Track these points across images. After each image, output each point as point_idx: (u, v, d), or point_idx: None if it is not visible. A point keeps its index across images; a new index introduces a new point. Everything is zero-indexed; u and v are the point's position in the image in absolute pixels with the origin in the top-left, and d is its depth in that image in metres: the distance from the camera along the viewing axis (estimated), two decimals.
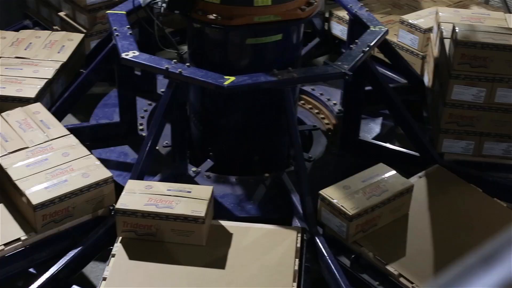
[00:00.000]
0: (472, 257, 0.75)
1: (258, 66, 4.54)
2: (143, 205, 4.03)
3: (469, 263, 0.73)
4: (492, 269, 0.70)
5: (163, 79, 4.61)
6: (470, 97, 4.84)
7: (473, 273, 0.71)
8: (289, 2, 4.51)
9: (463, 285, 0.71)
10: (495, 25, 5.24)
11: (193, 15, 4.53)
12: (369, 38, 4.90)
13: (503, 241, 0.75)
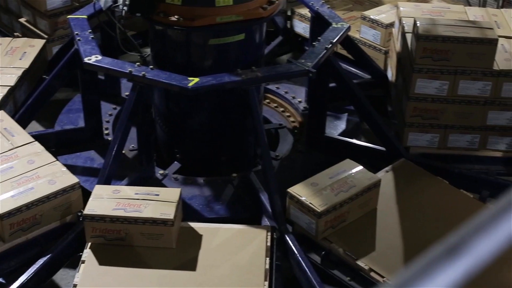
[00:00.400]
0: (436, 249, 0.76)
1: (221, 66, 4.54)
2: (111, 210, 4.01)
3: (433, 255, 0.74)
4: (456, 260, 0.71)
5: (127, 82, 4.58)
6: (434, 90, 4.88)
7: (437, 265, 0.72)
8: (250, 2, 4.52)
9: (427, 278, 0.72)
10: (455, 18, 5.29)
11: (154, 17, 4.51)
12: (331, 35, 4.93)
13: (467, 231, 0.76)
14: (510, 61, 4.91)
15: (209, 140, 5.07)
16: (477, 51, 4.77)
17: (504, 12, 5.76)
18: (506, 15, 5.64)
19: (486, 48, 4.78)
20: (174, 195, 4.13)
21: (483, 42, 4.77)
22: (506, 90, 4.87)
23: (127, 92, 5.16)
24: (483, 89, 4.87)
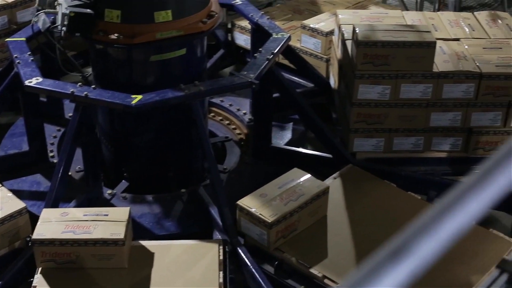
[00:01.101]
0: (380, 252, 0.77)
1: (164, 82, 4.52)
2: (61, 233, 3.96)
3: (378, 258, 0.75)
4: (400, 262, 0.72)
5: (70, 103, 4.54)
6: (376, 95, 4.93)
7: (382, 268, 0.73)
8: (190, 16, 4.52)
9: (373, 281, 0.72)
10: (393, 23, 5.37)
11: (94, 36, 4.48)
12: (272, 46, 4.95)
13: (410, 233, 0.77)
14: (449, 62, 4.99)
15: (156, 157, 5.05)
16: (416, 54, 4.84)
17: (441, 15, 5.86)
18: (443, 17, 5.74)
19: (425, 51, 4.86)
20: (124, 215, 4.10)
21: (421, 45, 4.85)
22: (447, 91, 4.95)
23: (70, 113, 5.11)
24: (425, 92, 4.94)
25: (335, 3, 6.96)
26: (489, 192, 0.86)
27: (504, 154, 0.88)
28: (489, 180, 0.85)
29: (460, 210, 0.83)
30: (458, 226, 0.82)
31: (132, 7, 4.43)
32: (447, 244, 0.80)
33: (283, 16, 6.73)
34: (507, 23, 5.69)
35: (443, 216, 0.82)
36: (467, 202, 0.85)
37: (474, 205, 0.84)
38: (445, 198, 0.87)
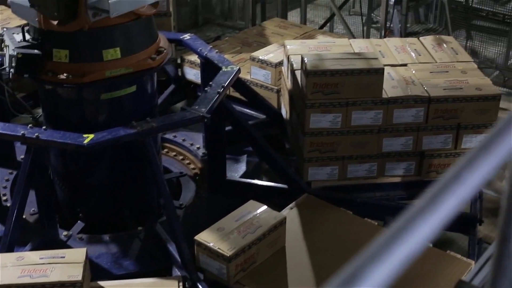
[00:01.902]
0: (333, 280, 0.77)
1: (116, 120, 4.50)
2: (17, 278, 3.89)
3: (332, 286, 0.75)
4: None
5: (21, 145, 4.49)
6: (328, 124, 4.96)
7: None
8: (138, 53, 4.52)
9: None
10: (341, 51, 5.43)
11: (43, 77, 4.45)
12: (222, 79, 4.97)
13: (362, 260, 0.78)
14: (397, 88, 5.05)
15: (111, 195, 5.01)
16: (365, 81, 4.90)
17: (387, 41, 5.94)
18: (389, 44, 5.82)
19: (374, 78, 4.92)
20: (80, 256, 4.04)
21: (370, 72, 4.90)
22: (397, 116, 5.01)
23: (22, 156, 5.05)
24: (375, 118, 4.99)
25: (283, 34, 7.02)
26: (438, 214, 0.87)
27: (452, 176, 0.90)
28: (438, 202, 0.86)
29: (410, 234, 0.84)
30: (410, 250, 0.83)
31: (80, 46, 4.42)
32: (399, 269, 0.80)
33: (232, 49, 6.76)
34: (452, 46, 5.79)
35: (394, 241, 0.82)
36: (417, 226, 0.86)
37: (424, 228, 0.85)
38: (395, 223, 0.88)
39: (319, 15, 10.41)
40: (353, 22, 9.64)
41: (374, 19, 9.32)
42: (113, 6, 4.15)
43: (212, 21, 10.66)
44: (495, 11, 9.47)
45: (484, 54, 9.05)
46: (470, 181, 0.95)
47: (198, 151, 5.83)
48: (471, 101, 5.03)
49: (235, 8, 10.55)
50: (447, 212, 0.89)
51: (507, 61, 8.71)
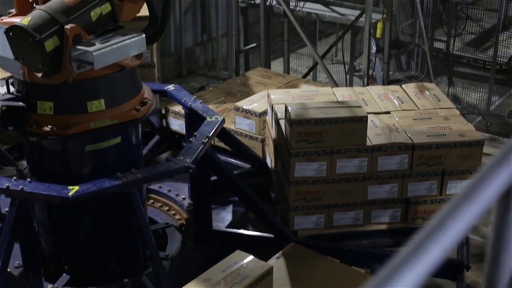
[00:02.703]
0: None
1: (101, 172, 4.49)
2: None
3: None
4: None
5: (6, 198, 4.46)
6: (313, 172, 4.97)
7: None
8: (123, 104, 4.53)
9: None
10: (325, 100, 5.46)
11: (27, 129, 4.45)
12: (207, 129, 4.98)
13: None
14: (381, 135, 5.08)
15: (96, 247, 4.97)
16: (349, 129, 4.92)
17: (370, 89, 5.99)
18: (372, 92, 5.87)
19: (357, 126, 4.94)
20: None
21: (353, 120, 4.93)
22: (382, 164, 5.03)
23: (6, 208, 5.02)
24: (360, 166, 5.01)
25: (266, 83, 7.07)
26: (424, 262, 0.88)
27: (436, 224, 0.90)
28: (423, 250, 0.87)
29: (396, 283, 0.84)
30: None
31: (64, 98, 4.42)
32: None
33: (216, 99, 6.79)
34: (434, 93, 5.84)
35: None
36: (402, 274, 0.86)
37: (410, 276, 0.85)
38: (381, 271, 0.88)
39: (302, 64, 10.50)
40: (336, 71, 9.73)
41: (356, 67, 9.42)
42: (97, 58, 4.17)
43: (196, 71, 10.73)
44: (475, 58, 9.59)
45: (466, 100, 9.14)
46: (454, 228, 0.96)
47: (183, 201, 5.81)
48: (454, 148, 5.07)
49: (218, 58, 10.63)
50: (432, 260, 0.89)
51: (489, 106, 8.79)
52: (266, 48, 8.64)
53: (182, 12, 10.34)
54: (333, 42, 9.21)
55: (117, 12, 4.46)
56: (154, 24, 4.59)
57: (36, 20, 4.18)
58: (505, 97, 9.14)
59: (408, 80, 8.53)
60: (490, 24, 9.44)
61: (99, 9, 4.37)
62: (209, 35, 11.02)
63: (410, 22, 9.38)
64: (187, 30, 10.63)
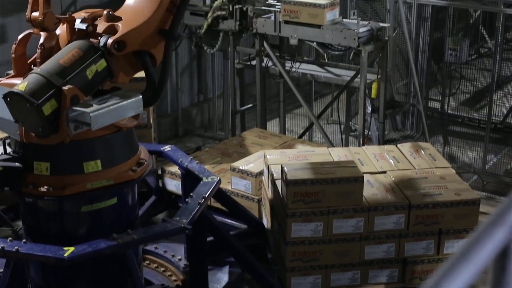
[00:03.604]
0: None
1: (97, 232, 4.48)
2: None
3: None
4: None
5: (1, 258, 4.44)
6: (309, 233, 4.96)
7: None
8: (119, 165, 4.54)
9: None
10: (321, 160, 5.47)
11: (23, 189, 4.45)
12: (203, 190, 4.98)
13: None
14: (378, 195, 5.08)
15: None
16: (345, 190, 4.93)
17: (366, 149, 6.01)
18: (368, 152, 5.89)
19: (354, 186, 4.95)
20: None
21: (349, 180, 4.94)
22: (379, 223, 5.02)
23: (1, 269, 4.98)
24: (357, 226, 5.00)
25: (262, 144, 7.09)
26: None
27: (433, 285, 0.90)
28: None
29: None
30: None
31: (61, 159, 4.43)
32: None
33: (212, 160, 6.80)
34: (429, 153, 5.86)
35: None
36: None
37: None
38: None
39: (298, 125, 10.54)
40: (331, 131, 9.77)
41: (352, 127, 9.45)
42: (95, 119, 4.19)
43: (192, 132, 10.76)
44: (470, 117, 9.64)
45: (462, 159, 9.16)
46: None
47: (179, 262, 5.78)
48: (451, 207, 5.07)
49: (215, 119, 10.67)
50: None
51: (485, 165, 8.81)
52: (262, 108, 8.68)
53: (179, 73, 10.41)
54: (329, 103, 9.27)
55: (112, 67, 4.50)
56: (151, 88, 4.62)
57: (32, 85, 4.21)
58: (500, 155, 9.16)
59: (404, 140, 8.55)
60: (484, 84, 9.51)
61: (95, 66, 4.41)
62: (205, 96, 11.08)
63: (404, 82, 9.44)
64: (183, 91, 10.70)
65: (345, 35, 7.39)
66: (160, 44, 4.66)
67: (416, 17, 8.83)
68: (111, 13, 4.55)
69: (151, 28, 4.57)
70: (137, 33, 4.52)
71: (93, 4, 8.62)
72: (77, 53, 4.38)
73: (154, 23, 4.58)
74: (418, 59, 9.12)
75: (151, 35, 4.58)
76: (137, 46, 4.53)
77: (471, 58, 10.08)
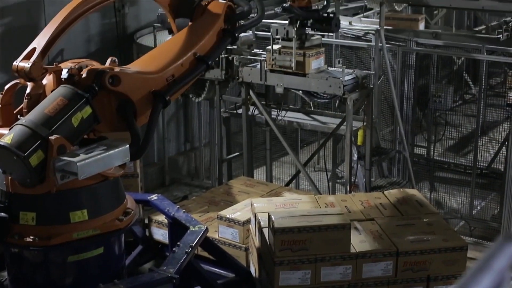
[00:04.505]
0: None
1: (83, 283, 4.45)
2: None
3: None
4: None
5: None
6: (297, 281, 4.94)
7: None
8: (106, 215, 4.52)
9: None
10: (308, 207, 5.47)
11: (9, 240, 4.42)
12: (190, 239, 4.96)
13: None
14: (365, 242, 5.07)
15: None
16: (333, 237, 4.92)
17: (353, 196, 6.02)
18: (355, 199, 5.89)
19: (341, 233, 4.94)
20: None
21: (337, 227, 4.94)
22: (367, 271, 5.01)
23: None
24: (345, 273, 4.98)
25: (249, 192, 7.08)
26: None
27: None
28: None
29: None
30: None
31: (47, 209, 4.41)
32: None
33: (199, 208, 6.78)
34: (416, 199, 5.87)
35: None
36: None
37: None
38: None
39: (284, 172, 10.54)
40: (318, 178, 9.77)
41: (339, 174, 9.46)
42: (82, 168, 4.18)
43: (179, 180, 10.74)
44: (456, 163, 9.68)
45: (448, 205, 9.16)
46: None
47: None
48: (439, 253, 5.07)
49: (201, 167, 10.66)
50: None
51: (471, 211, 8.82)
52: (248, 157, 8.69)
53: (166, 122, 10.44)
54: (315, 150, 9.28)
55: (98, 113, 4.51)
56: (136, 143, 4.63)
57: (18, 137, 4.21)
58: (487, 201, 9.17)
59: (391, 187, 8.56)
60: (469, 130, 9.57)
61: (80, 113, 4.42)
62: (192, 144, 11.09)
63: (390, 129, 9.49)
64: (170, 140, 10.71)
65: (331, 83, 7.45)
66: (147, 106, 4.72)
67: (401, 65, 8.91)
68: (116, 60, 4.72)
69: (147, 83, 4.73)
70: (133, 78, 4.61)
71: (80, 55, 8.67)
72: (61, 102, 4.39)
73: (150, 81, 4.79)
74: (403, 106, 9.18)
75: (144, 89, 4.68)
76: (128, 90, 4.59)
77: (456, 104, 10.15)
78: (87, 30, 9.29)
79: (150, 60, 5.00)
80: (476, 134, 8.79)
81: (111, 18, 9.55)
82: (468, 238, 8.15)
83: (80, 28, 9.15)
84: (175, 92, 4.88)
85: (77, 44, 9.13)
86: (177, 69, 4.94)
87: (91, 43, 9.39)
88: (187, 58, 5.03)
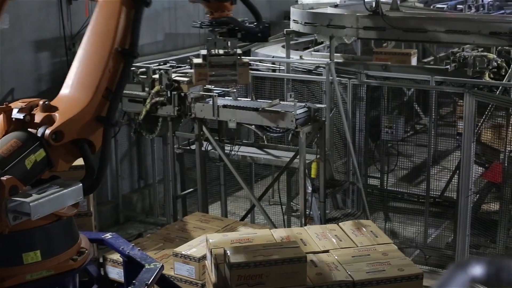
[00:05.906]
0: None
1: None
2: None
3: None
4: None
5: None
6: None
7: None
8: (59, 255, 4.46)
9: None
10: (263, 242, 5.47)
11: None
12: (146, 277, 4.91)
13: None
14: (321, 274, 5.08)
15: None
16: (289, 270, 4.93)
17: (308, 229, 6.04)
18: (310, 231, 5.91)
19: (297, 266, 4.95)
20: None
21: (293, 261, 4.95)
22: None
23: None
24: None
25: (204, 228, 7.07)
26: None
27: None
28: None
29: None
30: None
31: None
32: None
33: (155, 246, 6.74)
34: (371, 230, 5.91)
35: None
36: None
37: None
38: None
39: (239, 207, 10.54)
40: (273, 212, 9.79)
41: (294, 207, 9.49)
42: (34, 208, 4.13)
43: (134, 218, 10.68)
44: (409, 192, 9.79)
45: (403, 234, 9.24)
46: None
47: None
48: (394, 282, 5.10)
49: (156, 204, 10.62)
50: None
51: (426, 239, 8.91)
52: (203, 192, 8.68)
53: (119, 159, 10.39)
54: (269, 184, 9.31)
55: (51, 157, 4.46)
56: (90, 176, 4.59)
57: None
58: (441, 229, 9.28)
59: (345, 218, 8.61)
60: (421, 159, 9.70)
61: (33, 156, 4.37)
62: (146, 181, 11.06)
63: (343, 161, 9.57)
64: (124, 177, 10.66)
65: (283, 117, 7.49)
66: (98, 131, 4.65)
67: (352, 97, 9.02)
68: (47, 103, 4.53)
69: (88, 116, 4.56)
70: (74, 122, 4.50)
71: (30, 94, 8.61)
72: (15, 143, 4.35)
73: (90, 110, 4.56)
74: (356, 138, 9.28)
75: (88, 122, 4.56)
76: (75, 135, 4.51)
77: (407, 134, 10.29)
78: (37, 69, 9.26)
79: (76, 85, 4.67)
80: (428, 164, 8.91)
81: (61, 56, 9.53)
82: (424, 266, 8.22)
83: (30, 67, 9.12)
84: (117, 104, 4.70)
85: (27, 83, 9.09)
86: (107, 79, 4.63)
87: (42, 82, 9.35)
88: (110, 61, 4.64)
